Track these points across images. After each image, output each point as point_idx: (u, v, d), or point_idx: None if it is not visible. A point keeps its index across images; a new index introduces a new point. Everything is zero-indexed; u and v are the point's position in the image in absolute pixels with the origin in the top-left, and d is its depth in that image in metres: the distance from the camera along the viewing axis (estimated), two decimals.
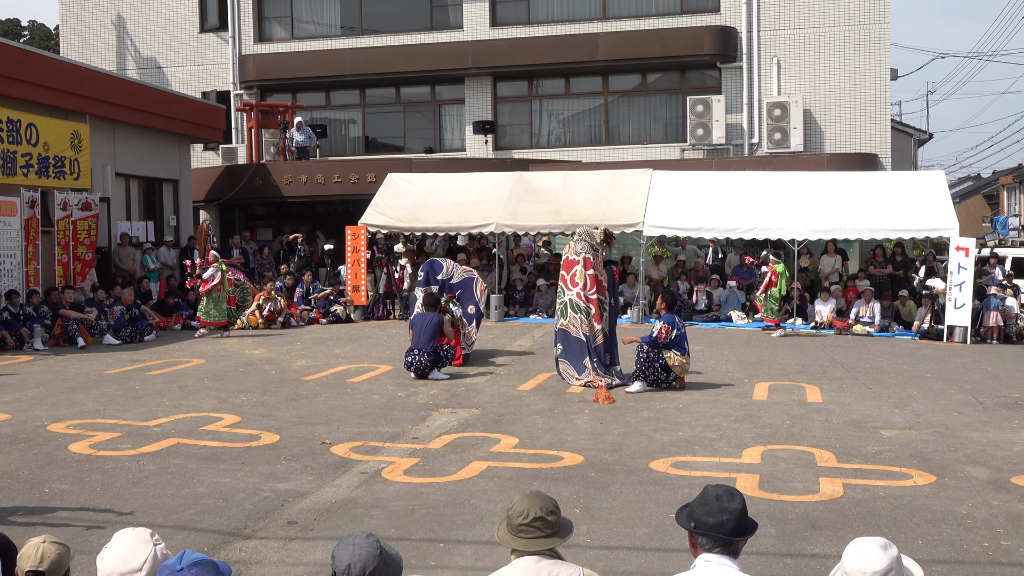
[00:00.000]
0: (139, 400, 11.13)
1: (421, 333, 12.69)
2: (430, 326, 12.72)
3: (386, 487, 7.58)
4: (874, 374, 13.28)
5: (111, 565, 3.27)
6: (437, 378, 12.56)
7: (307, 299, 20.01)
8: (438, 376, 12.61)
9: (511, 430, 9.60)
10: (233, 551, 6.12)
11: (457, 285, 14.40)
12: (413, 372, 12.61)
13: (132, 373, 13.16)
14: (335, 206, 26.19)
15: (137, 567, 3.25)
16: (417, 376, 12.57)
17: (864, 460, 8.46)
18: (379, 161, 25.35)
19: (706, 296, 20.04)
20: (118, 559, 3.27)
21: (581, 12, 27.14)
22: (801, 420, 10.11)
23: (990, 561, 6.02)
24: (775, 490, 7.47)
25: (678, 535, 6.26)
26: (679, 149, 26.29)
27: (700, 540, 3.47)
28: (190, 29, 29.13)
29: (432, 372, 12.60)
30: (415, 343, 12.70)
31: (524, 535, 3.58)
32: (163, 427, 9.66)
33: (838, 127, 25.70)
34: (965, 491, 7.50)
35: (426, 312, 13.04)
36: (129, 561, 3.26)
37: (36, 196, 17.28)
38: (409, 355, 12.65)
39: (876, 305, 18.54)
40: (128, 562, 3.26)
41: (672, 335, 11.76)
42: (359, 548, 3.26)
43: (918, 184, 19.60)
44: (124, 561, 3.26)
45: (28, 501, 7.18)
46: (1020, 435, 9.51)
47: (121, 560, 3.26)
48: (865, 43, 25.47)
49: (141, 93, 21.88)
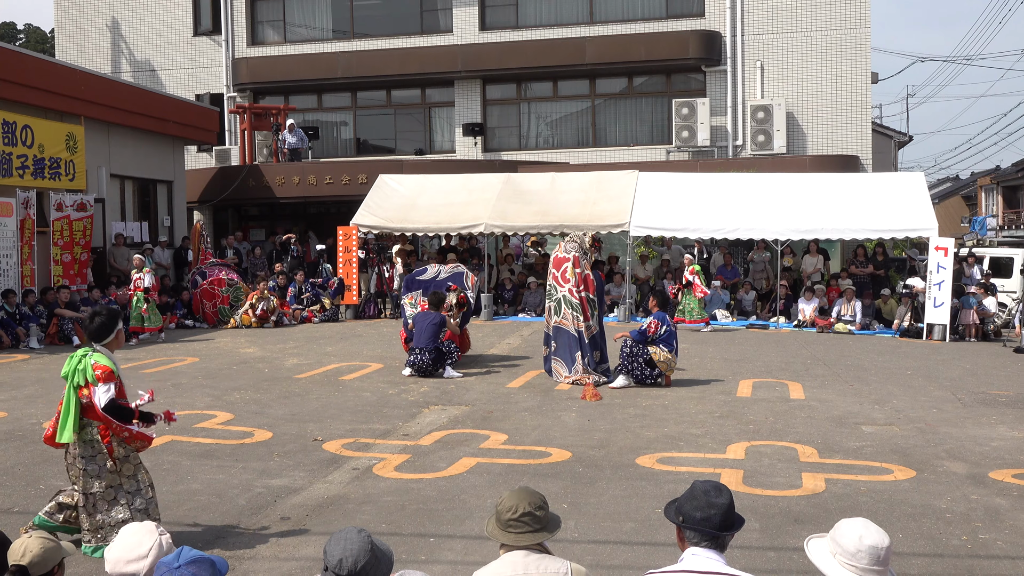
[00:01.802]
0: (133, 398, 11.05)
1: (423, 332, 12.60)
2: (432, 325, 12.61)
3: (377, 483, 7.56)
4: (855, 371, 13.32)
5: (118, 554, 3.37)
6: (451, 376, 12.49)
7: (299, 298, 19.97)
8: (452, 375, 12.53)
9: (500, 427, 9.59)
10: (226, 546, 6.10)
11: (446, 280, 14.24)
12: (415, 370, 12.50)
13: (127, 371, 12.99)
14: (327, 207, 26.13)
15: (143, 554, 3.35)
16: (420, 375, 12.47)
17: (846, 455, 8.48)
18: (370, 163, 25.30)
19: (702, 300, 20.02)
20: (125, 548, 3.37)
21: (569, 17, 27.15)
22: (784, 416, 10.13)
23: (968, 554, 6.04)
24: (759, 485, 7.48)
25: (664, 529, 6.26)
26: (665, 151, 26.33)
27: (688, 534, 3.47)
28: (184, 33, 29.03)
29: (445, 371, 12.54)
30: (417, 342, 12.61)
31: (513, 530, 3.58)
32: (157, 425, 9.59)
33: (820, 129, 25.76)
34: (944, 485, 7.52)
35: (428, 311, 12.97)
36: (135, 550, 3.36)
37: (32, 197, 17.19)
38: (411, 353, 12.59)
39: (857, 304, 18.60)
40: (134, 550, 3.36)
41: (661, 331, 11.81)
42: (351, 543, 3.26)
43: (898, 185, 19.67)
44: (130, 550, 3.36)
45: (24, 497, 7.16)
46: (998, 431, 9.55)
47: (128, 549, 3.36)
48: (846, 48, 25.55)
49: (135, 95, 21.80)
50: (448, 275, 14.20)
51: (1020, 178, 45.16)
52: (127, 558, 3.34)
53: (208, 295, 18.94)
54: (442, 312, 12.90)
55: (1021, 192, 45.81)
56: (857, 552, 3.16)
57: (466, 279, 14.25)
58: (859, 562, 3.17)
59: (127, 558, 3.34)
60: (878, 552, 3.18)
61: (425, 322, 12.69)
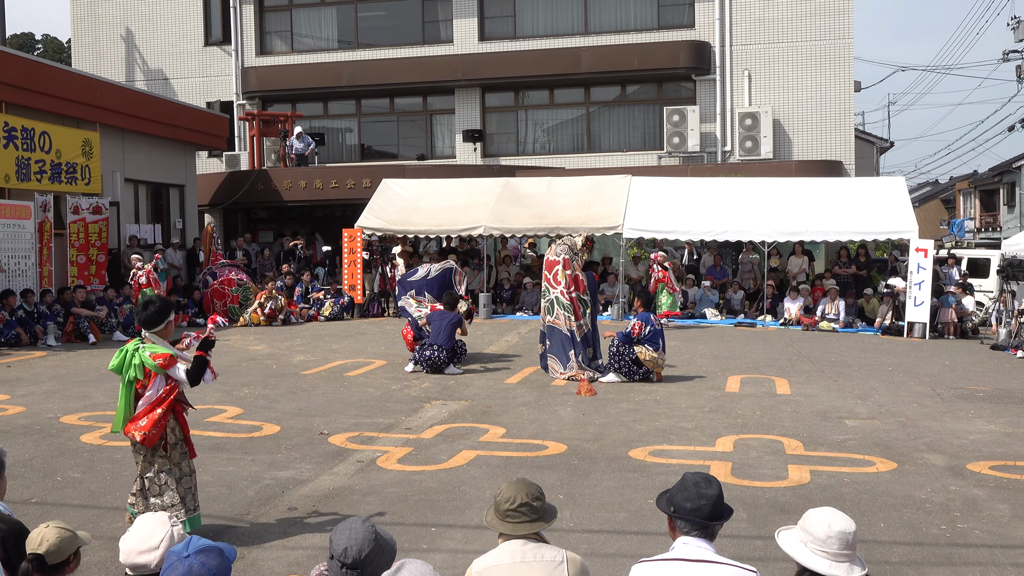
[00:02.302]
0: None
1: (440, 331, 12.59)
2: (449, 325, 12.63)
3: (381, 475, 7.56)
4: (839, 367, 13.32)
5: (132, 544, 3.37)
6: (452, 373, 12.49)
7: (306, 298, 19.96)
8: (453, 371, 12.54)
9: (499, 421, 9.59)
10: (236, 536, 6.10)
11: (436, 278, 14.13)
12: (426, 367, 12.46)
13: None
14: (332, 210, 26.10)
15: (155, 544, 3.34)
16: (431, 371, 12.45)
17: (830, 448, 8.48)
18: (374, 167, 25.27)
19: (682, 295, 20.04)
20: (138, 538, 3.37)
21: (564, 28, 27.13)
22: (771, 411, 10.13)
23: (947, 543, 6.05)
24: (746, 476, 7.48)
25: (656, 519, 6.26)
26: (656, 156, 26.31)
27: (679, 524, 3.48)
28: (195, 43, 29.00)
29: (448, 367, 12.54)
30: (433, 339, 12.59)
31: (511, 520, 3.59)
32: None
33: (805, 136, 25.76)
34: (924, 477, 7.52)
35: (445, 311, 12.97)
36: (148, 540, 3.35)
37: (49, 200, 17.17)
38: (428, 350, 12.54)
39: (841, 303, 18.60)
40: (147, 541, 3.35)
41: (645, 331, 11.81)
42: (355, 532, 3.26)
43: (880, 189, 19.67)
44: (143, 540, 3.36)
45: (42, 489, 7.14)
46: (975, 424, 9.55)
47: (141, 539, 3.36)
48: (830, 57, 25.55)
49: (149, 103, 21.77)
50: (437, 273, 14.12)
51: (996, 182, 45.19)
52: (139, 548, 3.34)
53: (219, 294, 18.92)
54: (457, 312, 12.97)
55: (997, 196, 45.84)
56: (827, 539, 3.20)
57: (454, 276, 14.18)
58: (830, 548, 3.20)
59: (139, 548, 3.34)
60: (846, 537, 3.20)
61: (443, 321, 12.69)
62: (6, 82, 16.62)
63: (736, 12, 25.94)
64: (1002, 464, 7.97)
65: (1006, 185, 43.20)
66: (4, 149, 16.25)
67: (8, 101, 16.75)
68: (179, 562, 3.22)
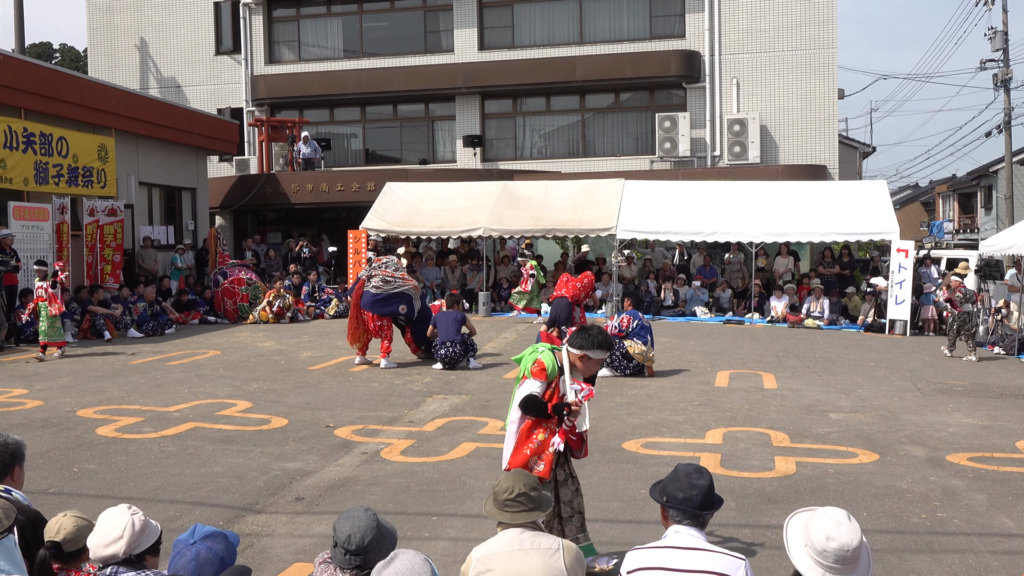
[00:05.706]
0: (160, 388, 11.05)
1: (448, 328, 12.65)
2: (455, 321, 12.72)
3: (384, 466, 7.55)
4: (823, 363, 13.31)
5: (96, 540, 3.33)
6: (472, 367, 12.57)
7: (312, 296, 19.93)
8: (473, 365, 12.63)
9: (498, 414, 9.57)
10: (245, 524, 6.08)
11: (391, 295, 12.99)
12: (444, 363, 12.51)
13: (154, 363, 13.07)
14: (338, 212, 26.08)
15: (118, 535, 3.30)
16: (448, 367, 12.48)
17: (815, 440, 8.47)
18: (378, 171, 25.25)
19: (673, 293, 20.06)
20: (100, 534, 3.34)
21: (560, 37, 27.11)
22: (758, 405, 10.12)
23: (927, 531, 6.04)
24: (735, 467, 7.48)
25: (649, 508, 6.25)
26: (649, 161, 26.30)
27: (671, 513, 3.47)
28: (207, 52, 28.95)
29: (469, 362, 12.63)
30: (444, 336, 12.64)
31: (509, 509, 3.60)
32: (182, 412, 9.59)
33: (791, 141, 25.75)
34: (905, 468, 7.52)
35: (448, 311, 13.04)
36: (110, 533, 3.32)
37: (66, 203, 17.14)
38: (442, 347, 12.56)
39: (825, 301, 18.60)
40: (109, 534, 3.32)
41: (632, 325, 12.03)
42: (358, 521, 3.29)
43: (863, 193, 19.65)
44: (105, 534, 3.32)
45: (59, 480, 7.13)
46: (954, 417, 9.55)
47: (103, 534, 3.33)
48: (815, 66, 25.54)
49: (162, 109, 21.74)
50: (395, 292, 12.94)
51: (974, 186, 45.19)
52: (104, 542, 3.31)
53: (229, 293, 18.88)
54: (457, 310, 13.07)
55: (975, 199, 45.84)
56: (823, 551, 3.00)
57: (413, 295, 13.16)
58: (825, 560, 3.01)
59: (104, 542, 3.31)
60: (844, 553, 2.98)
61: (448, 319, 12.76)
62: (26, 89, 16.59)
63: (725, 23, 25.92)
64: (980, 456, 7.98)
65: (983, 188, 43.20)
66: (23, 154, 16.23)
67: (28, 108, 16.72)
68: (187, 548, 3.21)
